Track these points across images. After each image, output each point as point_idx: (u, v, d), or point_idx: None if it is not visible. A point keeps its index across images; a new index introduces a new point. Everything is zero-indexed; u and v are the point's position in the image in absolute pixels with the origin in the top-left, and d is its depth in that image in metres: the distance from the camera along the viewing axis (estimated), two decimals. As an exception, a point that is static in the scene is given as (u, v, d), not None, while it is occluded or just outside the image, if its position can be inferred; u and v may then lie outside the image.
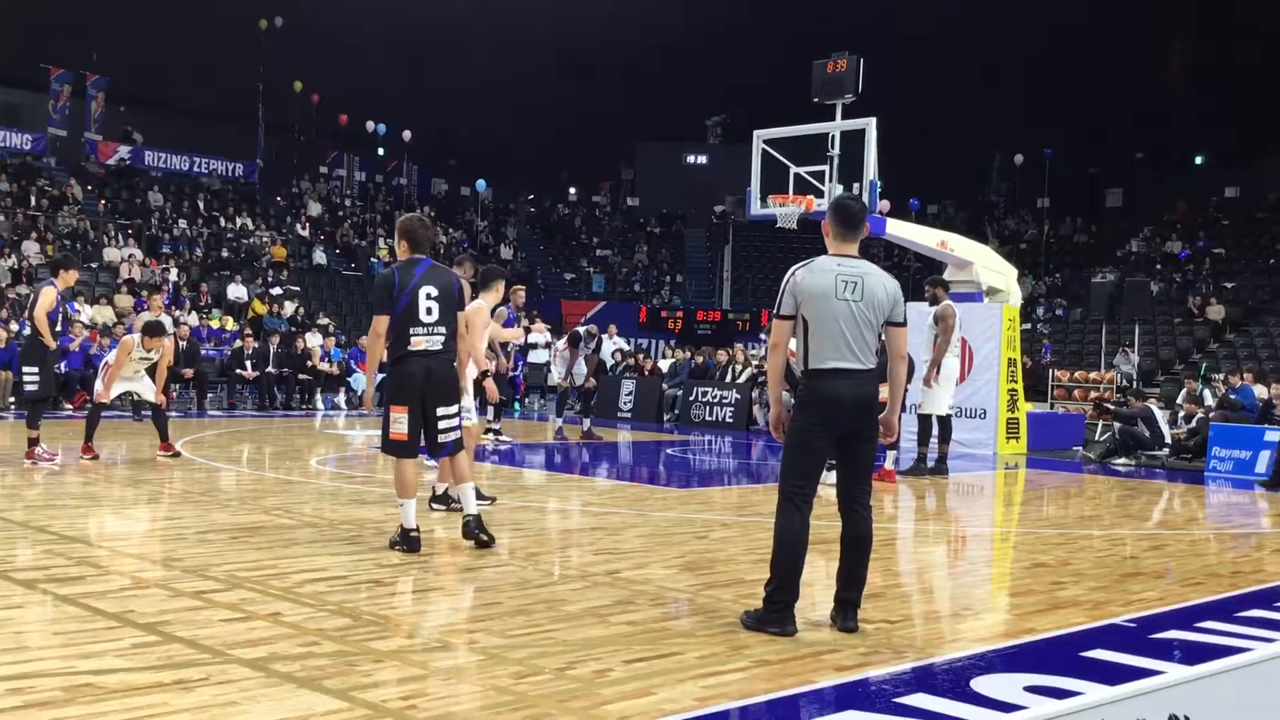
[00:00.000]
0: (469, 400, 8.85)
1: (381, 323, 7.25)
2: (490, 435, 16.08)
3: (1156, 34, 43.29)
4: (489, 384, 8.53)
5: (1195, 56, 43.14)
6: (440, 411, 7.32)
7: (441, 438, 7.40)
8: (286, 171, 40.31)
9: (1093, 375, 26.64)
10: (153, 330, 12.47)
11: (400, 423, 7.25)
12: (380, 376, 8.26)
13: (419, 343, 7.20)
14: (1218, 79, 41.42)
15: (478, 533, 7.50)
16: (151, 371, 12.71)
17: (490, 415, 16.29)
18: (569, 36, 44.70)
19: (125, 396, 13.70)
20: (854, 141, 16.81)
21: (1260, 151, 38.71)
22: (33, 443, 11.64)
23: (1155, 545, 8.94)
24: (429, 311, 7.20)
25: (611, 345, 25.35)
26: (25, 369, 11.94)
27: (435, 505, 9.09)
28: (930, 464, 13.61)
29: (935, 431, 13.73)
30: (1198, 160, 43.54)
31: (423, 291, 7.20)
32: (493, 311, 9.78)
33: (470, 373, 9.00)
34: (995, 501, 12.65)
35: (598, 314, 35.11)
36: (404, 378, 7.25)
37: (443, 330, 7.26)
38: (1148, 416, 17.21)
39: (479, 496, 9.33)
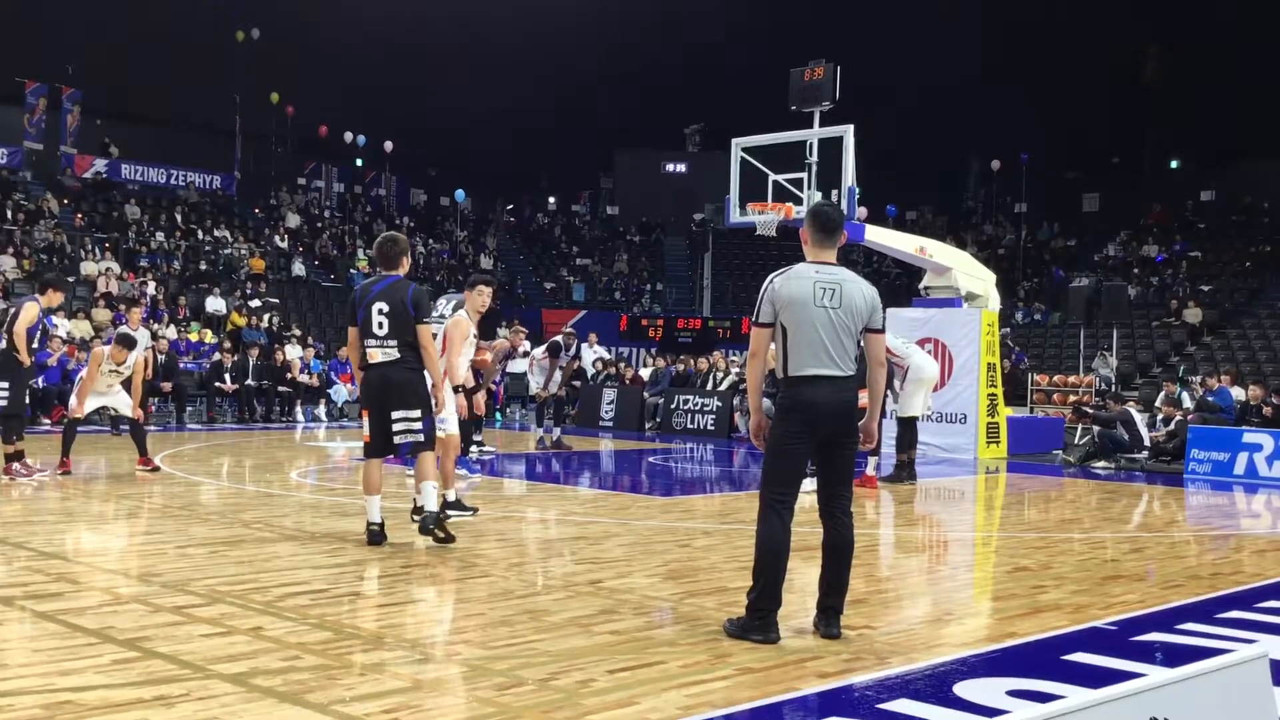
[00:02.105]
0: (449, 411, 8.89)
1: (352, 334, 7.99)
2: (475, 447, 16.03)
3: (1132, 38, 43.58)
4: (461, 400, 8.59)
5: (1170, 60, 43.43)
6: (395, 415, 7.84)
7: (397, 439, 7.93)
8: (264, 183, 40.11)
9: (1071, 379, 26.79)
10: (121, 342, 12.38)
11: (366, 426, 8.01)
12: None
13: (373, 355, 7.84)
14: (1192, 83, 41.70)
15: (433, 528, 7.90)
16: (128, 386, 12.62)
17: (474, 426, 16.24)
18: (546, 45, 44.69)
19: (103, 411, 13.59)
20: (832, 148, 16.88)
21: (1236, 155, 38.96)
22: (9, 458, 11.56)
23: (1135, 548, 8.99)
24: (380, 325, 7.80)
25: (592, 354, 25.32)
26: (-3, 384, 11.82)
27: (450, 512, 9.10)
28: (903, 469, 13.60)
29: (896, 433, 13.68)
30: (1173, 164, 43.78)
31: (375, 307, 7.81)
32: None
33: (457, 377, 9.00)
34: (976, 506, 12.69)
35: (578, 323, 35.06)
36: (367, 386, 7.97)
37: (394, 342, 7.79)
38: (1126, 420, 17.32)
39: (460, 507, 9.35)
